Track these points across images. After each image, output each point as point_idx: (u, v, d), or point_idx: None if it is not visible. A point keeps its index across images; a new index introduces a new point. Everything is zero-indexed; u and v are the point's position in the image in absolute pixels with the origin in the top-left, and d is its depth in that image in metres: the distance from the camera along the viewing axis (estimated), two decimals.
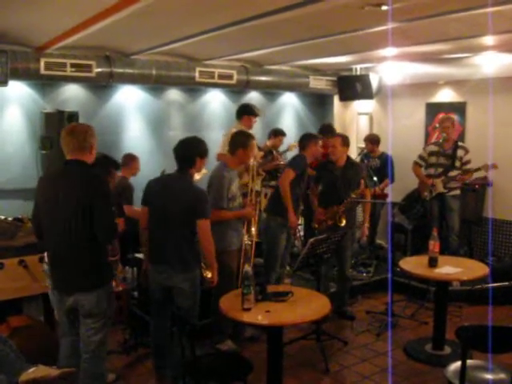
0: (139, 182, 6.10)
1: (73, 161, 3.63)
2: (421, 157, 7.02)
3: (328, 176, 5.81)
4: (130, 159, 6.30)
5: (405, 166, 7.37)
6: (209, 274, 4.31)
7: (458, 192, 6.85)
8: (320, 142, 5.93)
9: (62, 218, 3.55)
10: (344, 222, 5.64)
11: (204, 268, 4.35)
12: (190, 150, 4.28)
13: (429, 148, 6.99)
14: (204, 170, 6.51)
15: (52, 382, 3.06)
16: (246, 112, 6.43)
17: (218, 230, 4.83)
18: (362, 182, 5.77)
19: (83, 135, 3.64)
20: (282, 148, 7.58)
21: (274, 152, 7.26)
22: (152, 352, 4.59)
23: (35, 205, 3.76)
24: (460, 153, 6.74)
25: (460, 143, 6.93)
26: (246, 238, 5.06)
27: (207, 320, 5.21)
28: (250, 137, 5.10)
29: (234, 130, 6.32)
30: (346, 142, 5.79)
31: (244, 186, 5.46)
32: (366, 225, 5.87)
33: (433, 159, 6.89)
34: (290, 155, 7.25)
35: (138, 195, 5.98)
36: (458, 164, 6.74)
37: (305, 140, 5.84)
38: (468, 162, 6.71)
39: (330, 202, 5.75)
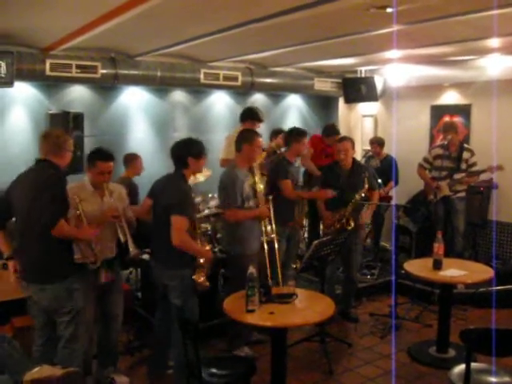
0: (144, 182, 6.10)
1: (41, 160, 3.85)
2: (426, 160, 7.01)
3: (335, 179, 5.77)
4: (132, 159, 6.27)
5: (409, 169, 7.37)
6: (200, 278, 4.23)
7: (463, 194, 6.84)
8: (305, 140, 5.78)
9: (22, 212, 3.78)
10: (352, 225, 5.60)
11: (197, 272, 4.26)
12: (181, 151, 4.30)
13: (434, 151, 6.98)
14: (207, 172, 6.50)
15: (56, 381, 3.06)
16: (250, 116, 6.29)
17: (238, 233, 4.85)
18: (366, 180, 5.70)
19: (55, 140, 3.86)
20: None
21: (278, 151, 7.24)
22: (153, 350, 4.68)
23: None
24: (466, 155, 6.74)
25: (466, 145, 6.92)
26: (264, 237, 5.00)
27: (211, 322, 5.25)
28: (255, 133, 5.09)
29: (236, 133, 6.30)
30: (353, 144, 5.80)
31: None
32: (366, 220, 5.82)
33: (438, 162, 6.89)
34: None
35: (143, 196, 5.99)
36: (463, 166, 6.75)
37: (289, 137, 5.74)
38: (474, 164, 6.71)
39: (337, 205, 5.70)
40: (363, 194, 5.63)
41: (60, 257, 3.80)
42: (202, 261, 4.25)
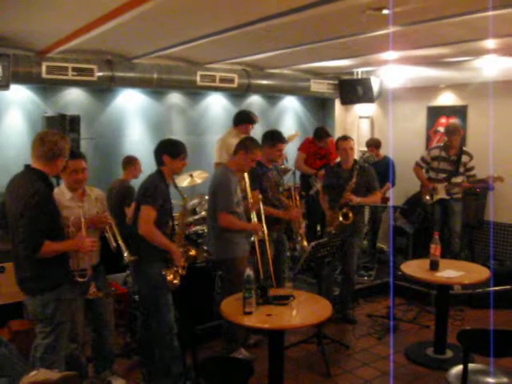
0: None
1: (28, 167, 3.72)
2: (423, 159, 7.00)
3: (336, 180, 5.78)
4: (130, 161, 6.28)
5: (406, 170, 7.38)
6: (169, 276, 4.20)
7: (459, 195, 6.85)
8: (280, 147, 5.41)
9: (11, 228, 3.68)
10: (351, 217, 5.60)
11: (166, 269, 4.22)
12: (157, 149, 4.38)
13: (433, 152, 6.96)
14: (203, 174, 6.52)
15: None
16: (242, 120, 6.31)
17: (229, 237, 4.83)
18: (355, 174, 5.67)
19: (52, 146, 3.67)
20: None
21: None
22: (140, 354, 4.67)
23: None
24: (465, 159, 6.73)
25: (465, 149, 6.91)
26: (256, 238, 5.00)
27: (209, 324, 5.25)
28: (256, 145, 4.99)
29: (228, 137, 6.28)
30: (354, 143, 5.82)
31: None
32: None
33: (435, 164, 6.89)
34: (292, 146, 7.19)
35: None
36: (461, 170, 6.74)
37: (263, 139, 5.43)
38: (472, 168, 6.71)
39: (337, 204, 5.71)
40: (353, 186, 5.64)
41: (51, 268, 3.68)
42: (173, 257, 4.22)
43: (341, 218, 5.62)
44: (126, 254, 4.14)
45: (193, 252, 4.47)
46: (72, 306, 3.87)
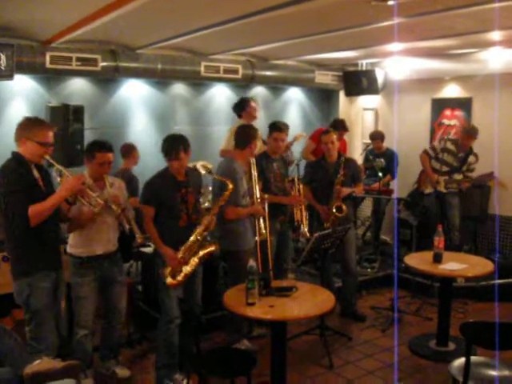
0: (146, 174, 6.07)
1: (12, 152, 3.81)
2: (433, 148, 6.98)
3: (323, 173, 5.74)
4: (130, 149, 6.27)
5: (410, 162, 7.36)
6: (167, 273, 4.17)
7: (456, 189, 6.87)
8: (276, 136, 5.41)
9: None
10: (345, 210, 5.58)
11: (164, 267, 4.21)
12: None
13: (443, 143, 6.95)
14: (209, 165, 6.51)
15: (56, 374, 3.07)
16: (242, 107, 6.34)
17: (236, 229, 4.85)
18: (342, 166, 5.63)
19: (17, 128, 3.81)
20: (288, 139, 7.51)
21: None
22: None
23: None
24: (471, 159, 6.78)
25: (474, 150, 6.89)
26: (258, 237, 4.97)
27: (212, 315, 5.25)
28: (256, 129, 5.14)
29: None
30: (337, 137, 5.83)
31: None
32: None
33: (441, 155, 6.89)
34: (297, 146, 7.18)
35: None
36: (464, 168, 6.76)
37: (269, 130, 5.51)
38: (473, 169, 6.80)
39: (328, 199, 5.66)
40: (342, 179, 5.61)
41: (24, 252, 3.71)
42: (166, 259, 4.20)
43: (334, 210, 5.59)
44: (137, 235, 4.16)
45: (212, 247, 4.36)
46: (47, 295, 3.83)
